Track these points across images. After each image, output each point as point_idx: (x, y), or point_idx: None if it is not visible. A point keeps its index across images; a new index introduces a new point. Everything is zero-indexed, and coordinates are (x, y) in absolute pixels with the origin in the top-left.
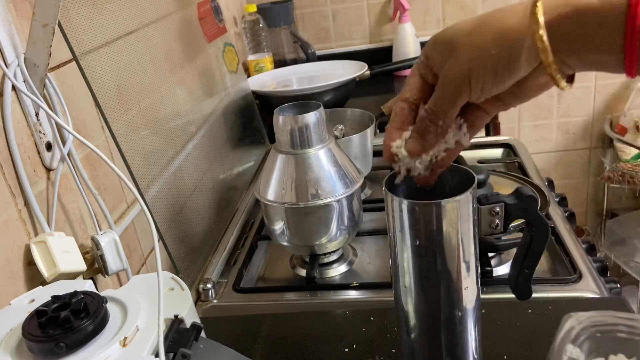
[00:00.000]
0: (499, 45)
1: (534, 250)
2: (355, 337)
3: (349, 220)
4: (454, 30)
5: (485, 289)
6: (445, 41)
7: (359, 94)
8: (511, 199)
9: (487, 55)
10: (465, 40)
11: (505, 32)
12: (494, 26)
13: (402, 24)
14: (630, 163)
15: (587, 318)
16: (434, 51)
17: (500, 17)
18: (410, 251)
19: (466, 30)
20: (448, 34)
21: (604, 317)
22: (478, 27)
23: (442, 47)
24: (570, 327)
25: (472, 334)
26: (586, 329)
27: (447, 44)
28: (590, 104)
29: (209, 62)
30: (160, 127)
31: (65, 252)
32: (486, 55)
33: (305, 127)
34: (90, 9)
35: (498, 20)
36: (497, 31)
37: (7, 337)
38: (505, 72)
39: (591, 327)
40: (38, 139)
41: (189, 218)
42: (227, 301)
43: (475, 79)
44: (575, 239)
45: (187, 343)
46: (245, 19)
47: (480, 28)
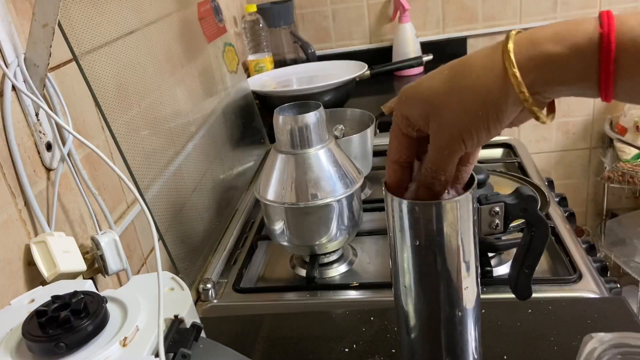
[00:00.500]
0: (483, 106)
1: (534, 250)
2: (355, 337)
3: (349, 220)
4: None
5: (485, 289)
6: (421, 100)
7: (359, 94)
8: (511, 199)
9: (474, 117)
10: (444, 103)
11: (486, 92)
12: (471, 87)
13: (402, 24)
14: (630, 163)
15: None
16: (411, 110)
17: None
18: (410, 251)
19: (443, 91)
20: (421, 93)
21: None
22: (455, 90)
23: (419, 106)
24: (592, 349)
25: (472, 334)
26: (607, 351)
27: (424, 105)
28: (590, 104)
29: (209, 62)
30: (160, 127)
31: (65, 252)
32: (473, 117)
33: (305, 127)
34: (90, 9)
35: (473, 80)
36: (477, 92)
37: (7, 337)
38: (497, 125)
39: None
40: (38, 139)
41: (189, 218)
42: (227, 301)
43: (469, 137)
44: (575, 239)
45: (187, 343)
46: (245, 19)
47: (458, 91)
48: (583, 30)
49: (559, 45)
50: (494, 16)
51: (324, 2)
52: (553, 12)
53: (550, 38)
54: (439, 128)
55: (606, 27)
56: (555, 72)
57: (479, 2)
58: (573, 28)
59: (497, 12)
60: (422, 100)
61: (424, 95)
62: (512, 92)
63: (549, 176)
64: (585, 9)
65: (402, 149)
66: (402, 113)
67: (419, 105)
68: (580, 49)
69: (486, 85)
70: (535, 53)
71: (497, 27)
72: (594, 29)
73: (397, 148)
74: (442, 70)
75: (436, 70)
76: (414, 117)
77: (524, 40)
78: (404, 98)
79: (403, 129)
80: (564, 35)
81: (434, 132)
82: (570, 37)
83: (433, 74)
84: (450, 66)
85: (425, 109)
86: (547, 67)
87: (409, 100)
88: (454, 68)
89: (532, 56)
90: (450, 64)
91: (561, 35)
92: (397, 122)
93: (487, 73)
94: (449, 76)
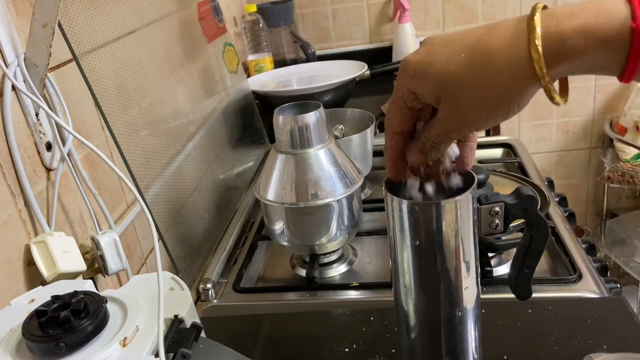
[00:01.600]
0: (505, 99)
1: (534, 250)
2: (355, 337)
3: (349, 220)
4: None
5: (485, 289)
6: (434, 82)
7: (359, 94)
8: (511, 199)
9: (494, 108)
10: (462, 90)
11: (510, 86)
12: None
13: (402, 24)
14: (630, 163)
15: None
16: (421, 87)
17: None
18: (410, 251)
19: (459, 78)
20: (435, 75)
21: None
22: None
23: (432, 87)
24: None
25: (472, 334)
26: None
27: (439, 87)
28: (590, 104)
29: (209, 62)
30: (160, 127)
31: (65, 252)
32: (493, 108)
33: (305, 127)
34: (90, 9)
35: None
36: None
37: (7, 337)
38: (516, 112)
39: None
40: (38, 139)
41: (189, 218)
42: (227, 301)
43: (483, 125)
44: (575, 239)
45: (187, 343)
46: (245, 19)
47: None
48: (613, 22)
49: (589, 41)
50: (494, 16)
51: (324, 2)
52: None
53: (581, 33)
54: (452, 112)
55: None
56: (581, 65)
57: (479, 2)
58: (603, 20)
59: (497, 12)
60: (435, 82)
61: (438, 77)
62: (537, 85)
63: (549, 176)
64: None
65: (405, 120)
66: (409, 88)
67: (431, 85)
68: (610, 42)
69: (511, 79)
70: (564, 49)
71: None
72: (625, 19)
73: (401, 120)
74: (459, 53)
75: (450, 48)
76: (422, 94)
77: (551, 33)
78: (413, 74)
79: (408, 102)
80: (594, 30)
81: (446, 114)
82: (600, 31)
83: (447, 54)
84: (469, 48)
85: (439, 91)
86: (575, 62)
87: (419, 77)
88: (472, 51)
89: (560, 51)
90: (468, 44)
91: (591, 30)
92: (401, 95)
93: (512, 66)
94: (468, 61)
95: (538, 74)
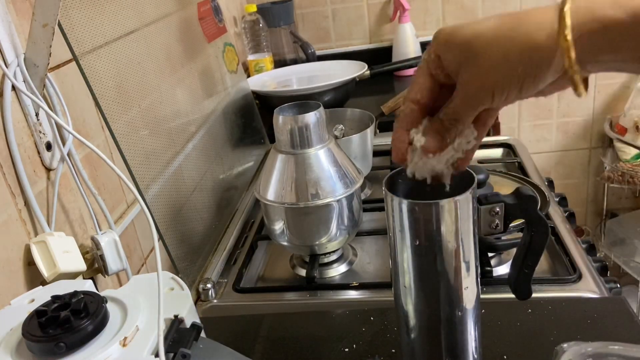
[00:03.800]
0: (527, 63)
1: (533, 250)
2: (355, 337)
3: (348, 220)
4: (470, 33)
5: (485, 289)
6: (460, 44)
7: (359, 94)
8: (511, 199)
9: (513, 72)
10: (485, 50)
11: (534, 49)
12: (518, 39)
13: (402, 24)
14: (630, 163)
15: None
16: (447, 52)
17: (525, 32)
18: (410, 251)
19: (486, 38)
20: (463, 35)
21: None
22: (501, 39)
23: (457, 49)
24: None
25: (472, 334)
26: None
27: (464, 48)
28: (590, 104)
29: (208, 62)
30: (160, 127)
31: (65, 252)
32: (512, 72)
33: (305, 127)
34: (90, 9)
35: (524, 35)
36: (524, 47)
37: (7, 337)
38: (531, 87)
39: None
40: (38, 139)
41: (189, 218)
42: (227, 301)
43: (500, 92)
44: (575, 239)
45: (187, 343)
46: (245, 19)
47: (504, 41)
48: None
49: (619, 10)
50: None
51: (324, 2)
52: None
53: (610, 4)
54: (471, 76)
55: None
56: (610, 39)
57: (479, 2)
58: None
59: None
60: (462, 43)
61: (465, 37)
62: (559, 55)
63: (549, 176)
64: None
65: (425, 89)
66: (436, 52)
67: (457, 48)
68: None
69: (535, 41)
70: (593, 17)
71: None
72: None
73: (421, 87)
74: (489, 18)
75: (484, 18)
76: (447, 59)
77: (582, 3)
78: (443, 39)
79: (432, 69)
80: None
81: (465, 80)
82: (630, 2)
83: (478, 21)
84: (500, 16)
85: (463, 53)
86: (603, 34)
87: (448, 41)
88: (504, 18)
89: (589, 20)
90: (501, 15)
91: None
92: (427, 61)
93: (539, 30)
94: (497, 24)
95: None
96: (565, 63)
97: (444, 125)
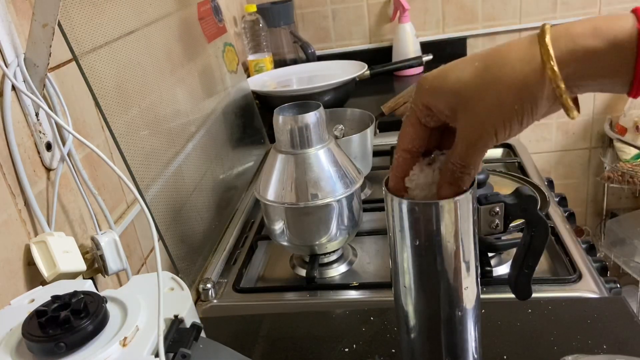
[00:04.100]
0: (520, 100)
1: (533, 250)
2: (355, 337)
3: (348, 220)
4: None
5: (485, 289)
6: (449, 92)
7: (359, 94)
8: (511, 199)
9: (511, 111)
10: (477, 97)
11: (522, 85)
12: (507, 80)
13: (402, 24)
14: (630, 163)
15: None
16: (436, 101)
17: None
18: (410, 251)
19: (475, 85)
20: (450, 85)
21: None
22: (490, 84)
23: (447, 98)
24: None
25: (472, 334)
26: None
27: (453, 96)
28: (590, 104)
29: (208, 62)
30: (160, 127)
31: (65, 252)
32: (510, 112)
33: (305, 127)
34: (90, 9)
35: (511, 74)
36: (513, 85)
37: (7, 337)
38: (531, 119)
39: None
40: (38, 139)
41: (189, 218)
42: (227, 301)
43: (502, 131)
44: (575, 239)
45: (187, 343)
46: (245, 19)
47: (494, 85)
48: (621, 26)
49: (598, 39)
50: (493, 16)
51: (324, 2)
52: (553, 12)
53: (590, 32)
54: (471, 122)
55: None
56: (592, 66)
57: (479, 2)
58: (611, 24)
59: (497, 12)
60: (450, 93)
61: (453, 87)
62: (549, 85)
63: (549, 176)
64: (586, 9)
65: (417, 138)
66: (424, 103)
67: (447, 97)
68: (619, 44)
69: (523, 79)
70: (574, 47)
71: (497, 27)
72: (632, 26)
73: (412, 137)
74: (472, 62)
75: (464, 61)
76: (438, 108)
77: (561, 33)
78: (428, 88)
79: (422, 118)
80: (603, 30)
81: (465, 126)
82: (609, 32)
83: (461, 65)
84: (482, 57)
85: (454, 102)
86: (585, 61)
87: (434, 91)
88: (486, 60)
89: (571, 50)
90: (480, 55)
91: (600, 30)
92: (416, 111)
93: (524, 66)
94: (482, 68)
95: (548, 73)
96: (557, 92)
97: (454, 174)
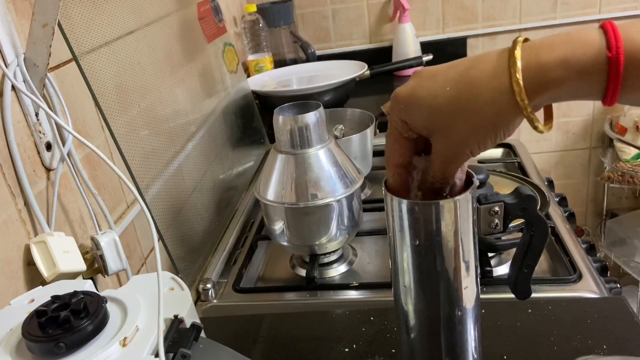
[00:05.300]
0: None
1: (533, 250)
2: (355, 337)
3: (348, 220)
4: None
5: (485, 289)
6: (423, 114)
7: (359, 94)
8: (511, 199)
9: (485, 135)
10: (450, 123)
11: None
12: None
13: (402, 24)
14: (630, 163)
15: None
16: (412, 118)
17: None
18: (410, 251)
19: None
20: (423, 106)
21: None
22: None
23: (422, 119)
24: None
25: (471, 334)
26: None
27: (427, 119)
28: (590, 104)
29: (208, 62)
30: (160, 127)
31: (65, 252)
32: (483, 135)
33: (305, 127)
34: (90, 9)
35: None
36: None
37: (7, 337)
38: (505, 137)
39: None
40: (38, 139)
41: (189, 218)
42: (227, 301)
43: (477, 150)
44: (575, 239)
45: (187, 343)
46: (245, 19)
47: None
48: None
49: (568, 71)
50: (493, 16)
51: (324, 2)
52: (553, 12)
53: (560, 65)
54: (446, 143)
55: (614, 50)
56: (563, 94)
57: (479, 2)
58: (580, 51)
59: (497, 12)
60: (424, 114)
61: (426, 110)
62: (521, 115)
63: (549, 176)
64: (586, 9)
65: (404, 151)
66: (400, 118)
67: (422, 117)
68: (588, 72)
69: (496, 110)
70: (544, 79)
71: (496, 27)
72: (599, 49)
73: (399, 152)
74: (443, 86)
75: (435, 81)
76: (415, 125)
77: (532, 65)
78: (403, 106)
79: (404, 133)
80: (572, 61)
81: (440, 146)
82: (578, 62)
83: (433, 88)
84: (454, 82)
85: (429, 123)
86: (555, 91)
87: (409, 108)
88: (457, 86)
89: (541, 82)
90: (452, 79)
91: (569, 61)
92: (395, 127)
93: (496, 97)
94: (454, 95)
95: (520, 106)
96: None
97: (435, 186)
